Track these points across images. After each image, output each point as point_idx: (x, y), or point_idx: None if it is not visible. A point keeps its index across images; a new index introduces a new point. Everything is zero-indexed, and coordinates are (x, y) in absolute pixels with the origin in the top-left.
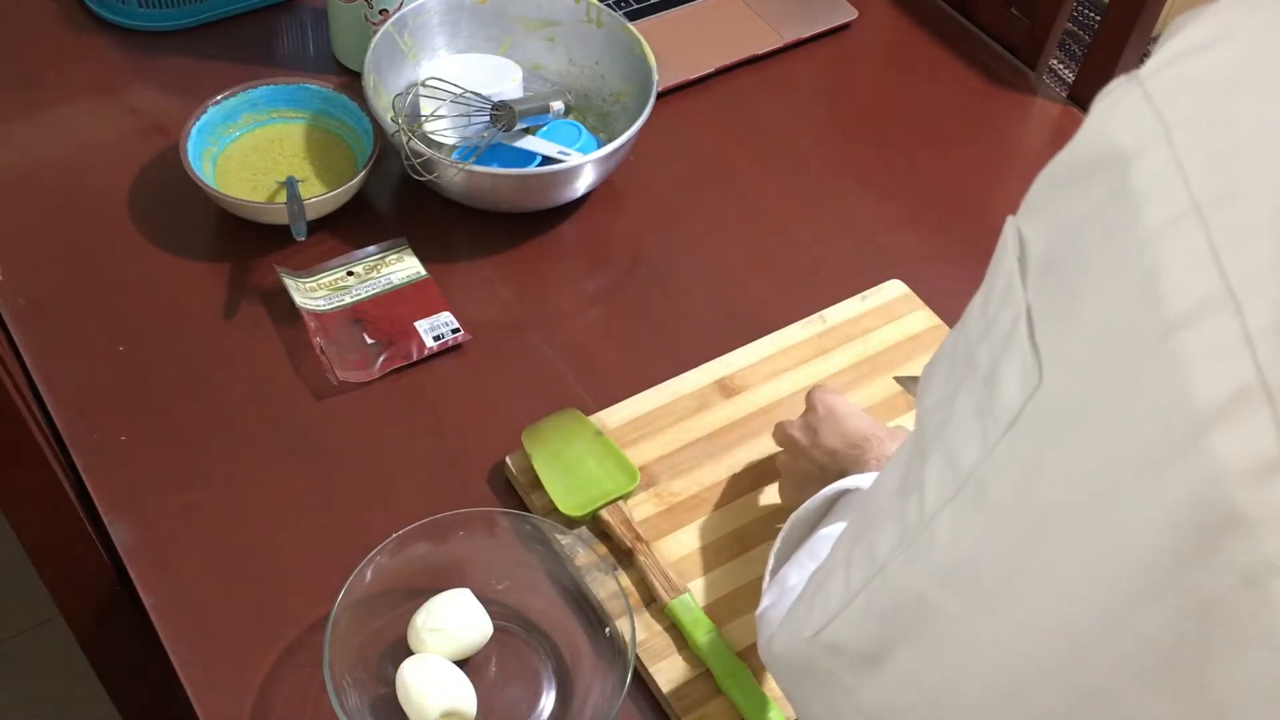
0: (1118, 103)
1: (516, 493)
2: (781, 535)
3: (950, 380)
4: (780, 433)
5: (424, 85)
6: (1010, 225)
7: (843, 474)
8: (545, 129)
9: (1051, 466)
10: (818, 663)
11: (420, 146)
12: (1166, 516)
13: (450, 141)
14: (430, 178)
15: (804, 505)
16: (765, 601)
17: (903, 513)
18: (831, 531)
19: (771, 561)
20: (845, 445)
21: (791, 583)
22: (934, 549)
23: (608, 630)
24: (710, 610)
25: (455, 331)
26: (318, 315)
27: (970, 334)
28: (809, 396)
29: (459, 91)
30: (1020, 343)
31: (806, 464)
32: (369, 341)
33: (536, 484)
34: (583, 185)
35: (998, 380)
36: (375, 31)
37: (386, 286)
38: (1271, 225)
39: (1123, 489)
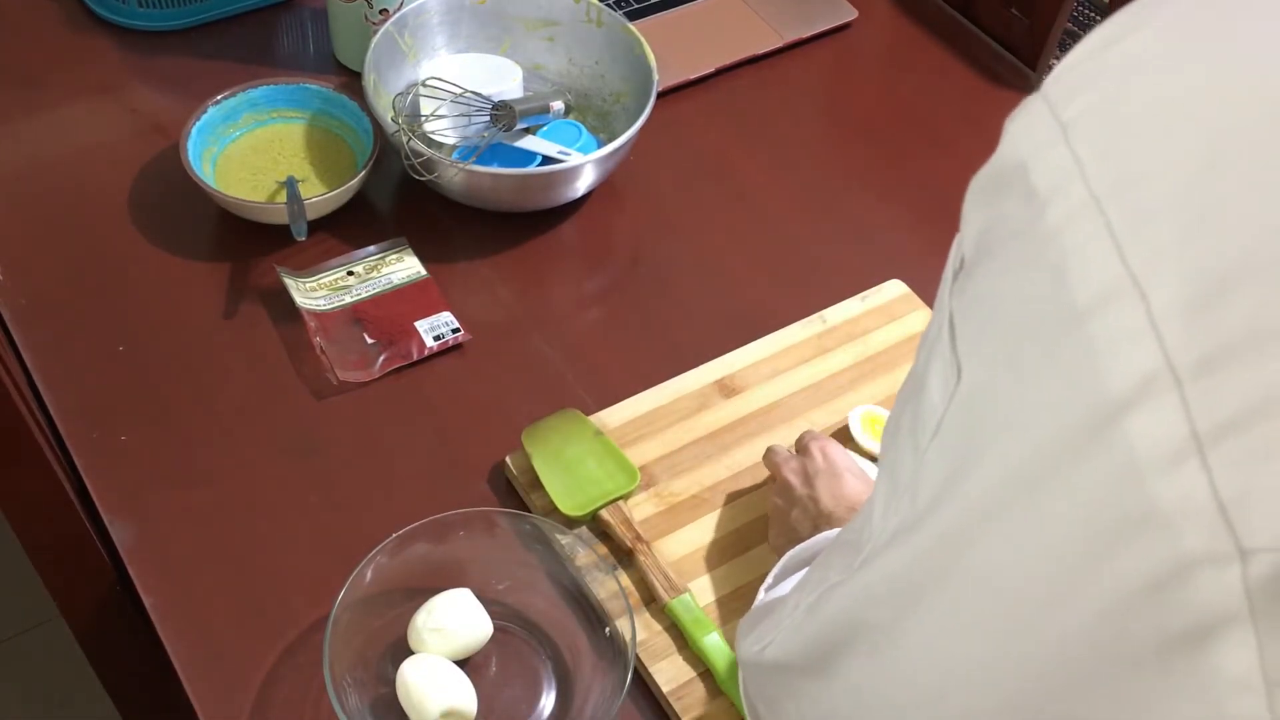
0: (1021, 114)
1: (516, 493)
2: (774, 571)
3: (900, 403)
4: (773, 467)
5: (424, 85)
6: (955, 241)
7: None
8: (545, 129)
9: (972, 463)
10: (772, 677)
11: (420, 146)
12: (1083, 509)
13: (450, 141)
14: (430, 178)
15: (803, 544)
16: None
17: (856, 540)
18: None
19: (762, 595)
20: (842, 509)
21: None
22: (871, 565)
23: (608, 630)
24: (710, 610)
25: (455, 331)
26: (318, 315)
27: (918, 353)
28: (805, 445)
29: (459, 91)
30: (943, 348)
31: (799, 515)
32: (369, 341)
33: (536, 484)
34: (583, 185)
35: (924, 389)
36: (375, 31)
37: (386, 286)
38: (1170, 208)
39: (1039, 480)
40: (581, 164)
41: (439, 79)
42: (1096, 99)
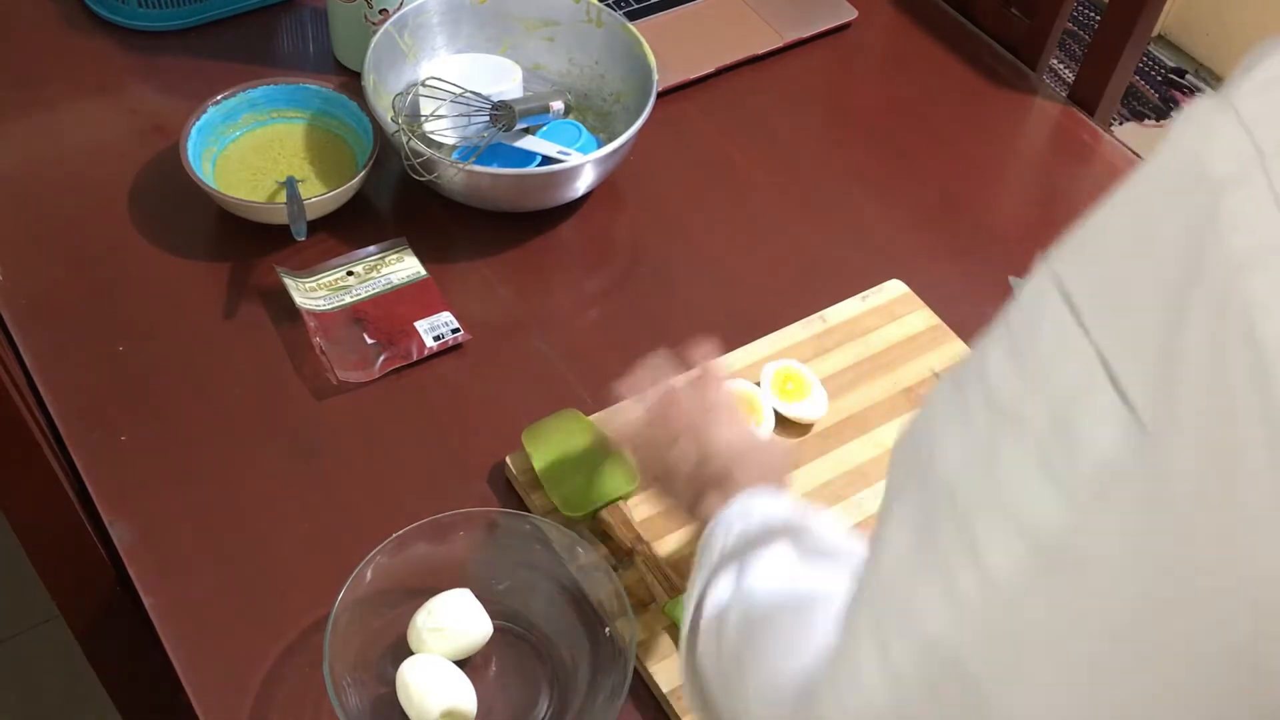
0: (1208, 123)
1: (516, 493)
2: (697, 590)
3: (973, 437)
4: (645, 384)
5: (424, 85)
6: (1044, 276)
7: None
8: (545, 129)
9: (1179, 527)
10: None
11: (420, 146)
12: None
13: (450, 141)
14: (430, 178)
15: (737, 528)
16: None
17: (949, 583)
18: (769, 552)
19: (697, 581)
20: (730, 459)
21: (717, 597)
22: (1018, 620)
23: (608, 630)
24: None
25: (455, 331)
26: (318, 315)
27: (999, 390)
28: (702, 368)
29: (459, 91)
30: (1101, 393)
31: (680, 454)
32: (369, 341)
33: (536, 484)
34: (583, 185)
35: (1075, 435)
36: (375, 31)
37: (386, 286)
38: None
39: (1259, 549)
40: (581, 164)
41: (439, 79)
42: None
